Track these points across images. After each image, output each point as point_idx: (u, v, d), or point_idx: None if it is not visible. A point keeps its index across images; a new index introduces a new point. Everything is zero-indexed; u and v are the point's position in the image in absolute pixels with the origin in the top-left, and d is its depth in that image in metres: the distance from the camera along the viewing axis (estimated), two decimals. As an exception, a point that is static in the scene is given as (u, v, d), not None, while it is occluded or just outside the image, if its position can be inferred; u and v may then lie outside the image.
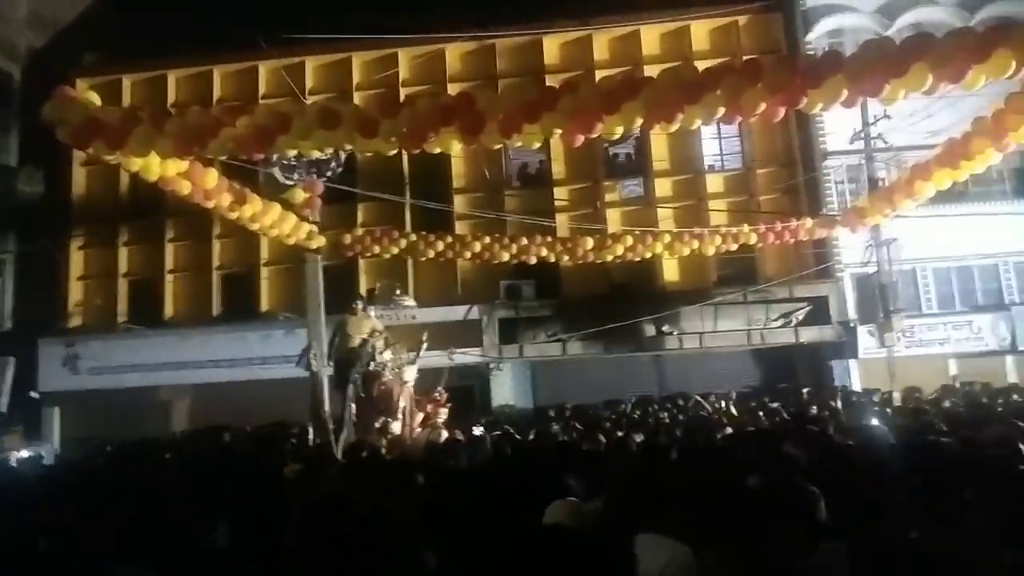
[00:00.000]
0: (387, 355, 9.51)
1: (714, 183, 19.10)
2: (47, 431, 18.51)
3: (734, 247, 11.76)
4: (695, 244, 11.47)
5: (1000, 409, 9.03)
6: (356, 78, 19.82)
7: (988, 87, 5.84)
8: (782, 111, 5.92)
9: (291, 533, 3.37)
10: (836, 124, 16.03)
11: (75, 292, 19.99)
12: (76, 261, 20.18)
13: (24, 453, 14.22)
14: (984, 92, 6.45)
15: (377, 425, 8.87)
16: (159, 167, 6.72)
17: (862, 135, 15.12)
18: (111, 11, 22.15)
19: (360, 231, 12.15)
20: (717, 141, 19.36)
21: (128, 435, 13.11)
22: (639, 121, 5.79)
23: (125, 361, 18.21)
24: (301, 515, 3.58)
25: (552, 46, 19.65)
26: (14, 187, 20.21)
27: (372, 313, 10.41)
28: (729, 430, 7.40)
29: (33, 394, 18.68)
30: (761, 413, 9.95)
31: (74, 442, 15.89)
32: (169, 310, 19.65)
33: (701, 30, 19.39)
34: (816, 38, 18.30)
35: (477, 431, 9.17)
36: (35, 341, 18.87)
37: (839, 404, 11.18)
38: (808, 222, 11.94)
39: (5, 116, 20.69)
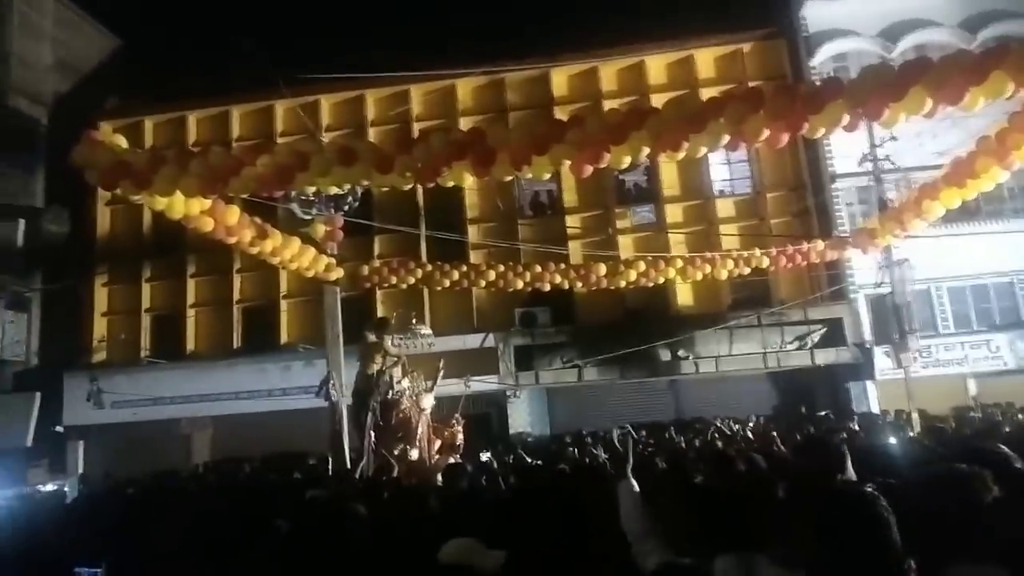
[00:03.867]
0: (405, 383, 9.66)
1: (725, 208, 19.25)
2: (71, 465, 18.77)
3: (747, 271, 11.85)
4: (707, 268, 11.57)
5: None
6: (370, 114, 20.27)
7: (993, 106, 6.00)
8: (785, 137, 6.05)
9: (305, 555, 3.49)
10: (844, 146, 16.16)
11: (99, 328, 20.37)
12: (100, 297, 20.62)
13: (49, 487, 14.50)
14: (989, 112, 6.63)
15: (396, 452, 8.98)
16: (183, 205, 6.98)
17: (870, 157, 15.22)
18: (133, 56, 22.91)
19: (377, 262, 12.37)
20: (727, 166, 19.56)
21: (151, 468, 13.30)
22: (646, 151, 5.96)
23: (148, 394, 18.52)
24: (320, 536, 3.72)
25: (560, 78, 20.03)
26: (41, 227, 20.77)
27: (390, 342, 10.56)
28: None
29: (58, 428, 18.99)
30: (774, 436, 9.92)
31: (97, 476, 16.07)
32: (191, 344, 19.97)
33: (706, 58, 19.70)
34: (820, 63, 18.53)
35: (484, 457, 9.23)
36: (60, 376, 19.23)
37: (856, 426, 11.14)
38: (819, 244, 12.03)
39: (32, 160, 21.33)
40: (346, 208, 10.53)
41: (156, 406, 18.53)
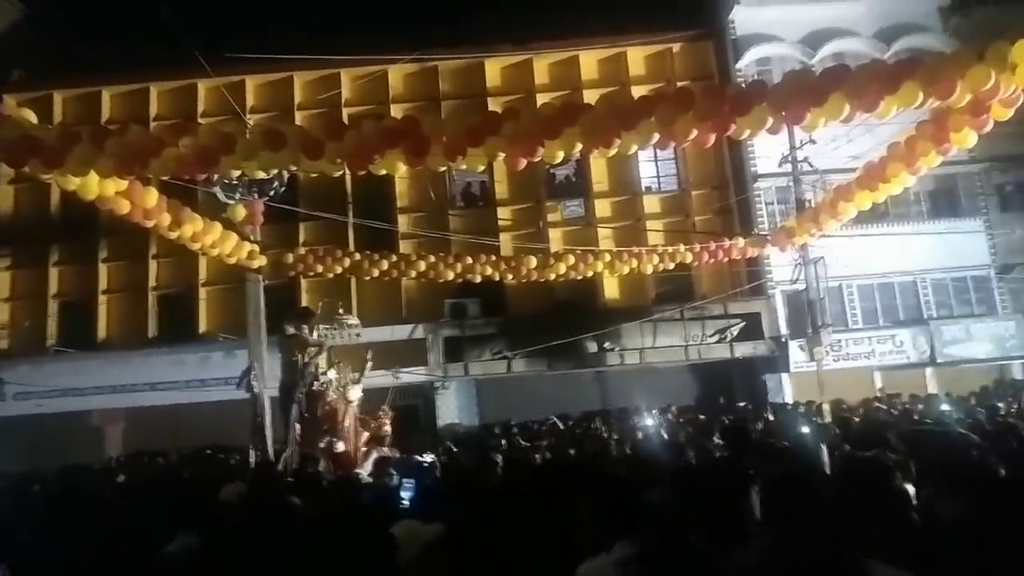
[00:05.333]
0: (331, 374, 9.50)
1: (651, 204, 19.68)
2: (-31, 460, 17.62)
3: (671, 266, 12.14)
4: (634, 263, 11.79)
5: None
6: (298, 98, 19.75)
7: (904, 114, 6.32)
8: (713, 137, 6.23)
9: (231, 551, 3.39)
10: (766, 148, 16.76)
11: (1, 314, 19.20)
12: (3, 282, 19.47)
13: (-55, 483, 13.55)
14: (900, 119, 6.99)
15: (322, 444, 8.83)
16: (97, 186, 6.64)
17: (789, 159, 15.85)
18: (42, 25, 21.55)
19: (302, 250, 12.09)
20: (654, 164, 19.98)
21: (59, 463, 12.62)
22: (579, 146, 6.03)
23: (55, 385, 17.52)
24: (246, 532, 3.62)
25: (494, 69, 20.00)
26: (-65, 205, 19.36)
27: (314, 332, 10.35)
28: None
29: (-47, 422, 17.79)
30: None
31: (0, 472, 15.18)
32: (103, 332, 19.07)
33: (637, 56, 20.06)
34: (746, 65, 19.15)
35: (428, 458, 9.08)
36: (-44, 366, 18.04)
37: (770, 416, 11.62)
38: (740, 242, 12.47)
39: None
40: (271, 193, 10.24)
41: (64, 398, 17.56)
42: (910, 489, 3.16)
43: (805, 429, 7.72)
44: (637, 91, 14.42)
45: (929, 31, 18.87)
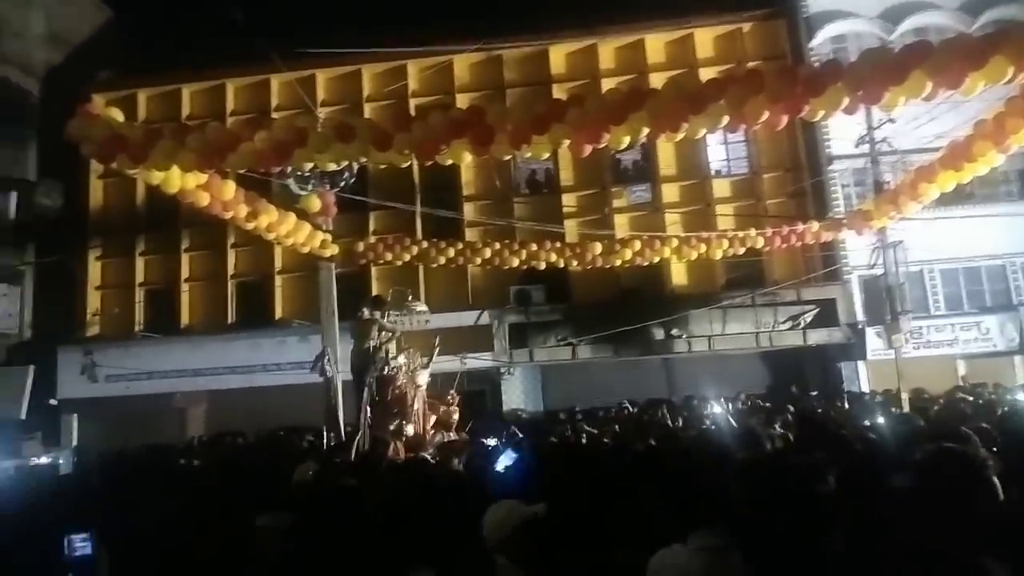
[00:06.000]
0: (401, 359, 9.70)
1: (721, 188, 19.25)
2: (65, 438, 18.81)
3: (741, 251, 11.86)
4: (703, 248, 11.58)
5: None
6: (366, 90, 20.11)
7: (991, 91, 5.99)
8: (785, 119, 6.05)
9: (307, 527, 3.54)
10: (841, 128, 16.14)
11: (93, 302, 20.32)
12: (94, 271, 20.55)
13: (43, 460, 14.54)
14: (987, 96, 6.63)
15: (391, 427, 9.04)
16: (179, 180, 6.95)
17: (867, 139, 15.23)
18: (126, 27, 22.57)
19: (373, 239, 12.38)
20: (724, 147, 19.52)
21: (145, 441, 13.35)
22: (645, 132, 5.95)
23: (142, 368, 18.52)
24: (317, 509, 3.77)
25: (558, 56, 19.88)
26: (33, 200, 20.60)
27: (386, 318, 10.59)
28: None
29: (52, 401, 19.00)
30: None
31: (91, 449, 16.14)
32: (185, 318, 19.96)
33: (706, 37, 19.57)
34: (819, 44, 18.45)
35: (491, 442, 9.22)
36: (54, 350, 19.22)
37: (845, 405, 11.27)
38: (814, 225, 12.08)
39: (24, 131, 21.09)
40: (342, 184, 10.49)
41: (150, 380, 18.55)
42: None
43: (881, 419, 7.49)
44: (706, 74, 14.12)
45: (1020, 1, 17.73)
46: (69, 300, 20.18)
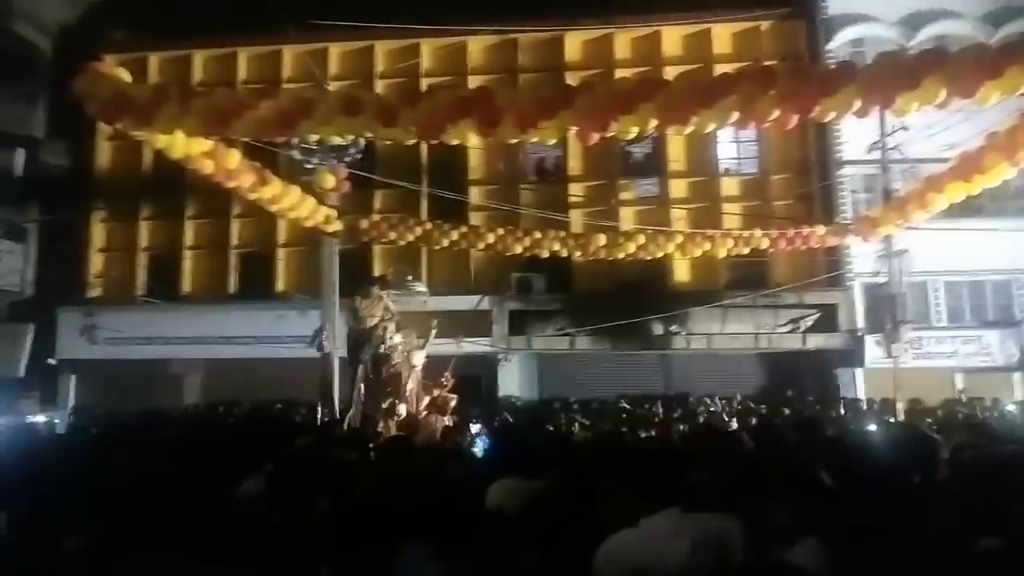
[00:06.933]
0: (397, 339, 9.71)
1: (729, 186, 19.15)
2: (63, 398, 18.89)
3: (746, 251, 11.81)
4: (707, 246, 11.54)
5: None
6: (379, 66, 19.98)
7: (1006, 102, 5.92)
8: (795, 119, 5.98)
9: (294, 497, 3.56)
10: (853, 133, 16.04)
11: (95, 263, 20.34)
12: (98, 233, 20.56)
13: (40, 418, 14.62)
14: (1002, 107, 6.55)
15: (384, 406, 9.06)
16: (184, 145, 6.91)
17: (879, 145, 15.12)
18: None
19: (376, 217, 12.33)
20: (734, 145, 19.40)
21: (142, 406, 13.40)
22: (653, 123, 5.90)
23: (141, 333, 18.55)
24: (308, 480, 3.79)
25: (574, 43, 19.72)
26: (39, 158, 20.58)
27: (385, 297, 10.59)
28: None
29: (50, 361, 19.07)
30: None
31: (86, 410, 16.23)
32: (186, 285, 19.98)
33: (723, 33, 19.40)
34: (838, 46, 18.27)
35: (474, 428, 9.25)
36: (54, 309, 19.27)
37: (842, 412, 11.27)
38: (821, 229, 12.01)
39: (34, 88, 21.03)
40: (348, 159, 10.48)
41: (149, 345, 18.58)
42: None
43: (873, 427, 7.47)
44: (722, 70, 13.95)
45: (1044, 14, 17.54)
46: (72, 261, 20.18)
